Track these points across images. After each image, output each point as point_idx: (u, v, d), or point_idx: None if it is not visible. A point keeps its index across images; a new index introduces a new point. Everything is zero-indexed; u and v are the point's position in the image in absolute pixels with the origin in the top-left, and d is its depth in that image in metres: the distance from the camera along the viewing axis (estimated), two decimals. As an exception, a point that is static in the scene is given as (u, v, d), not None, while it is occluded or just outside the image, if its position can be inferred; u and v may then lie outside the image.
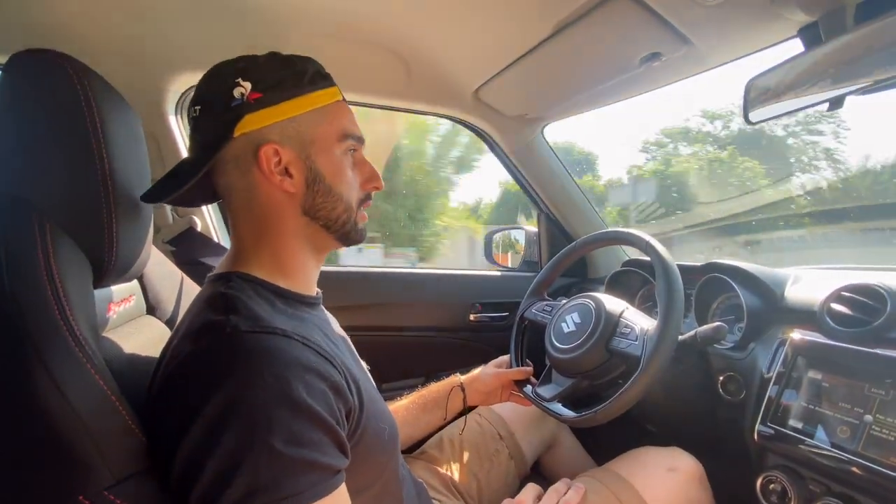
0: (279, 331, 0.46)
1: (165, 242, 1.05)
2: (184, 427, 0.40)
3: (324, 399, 0.44)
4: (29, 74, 0.45)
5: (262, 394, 0.40)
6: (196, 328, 0.46)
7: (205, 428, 0.39)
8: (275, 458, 0.39)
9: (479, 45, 0.90)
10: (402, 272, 1.36)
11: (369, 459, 0.53)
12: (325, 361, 0.47)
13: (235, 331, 0.44)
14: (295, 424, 0.41)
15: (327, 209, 0.56)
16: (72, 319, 0.38)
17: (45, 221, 0.41)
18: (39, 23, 0.77)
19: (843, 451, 0.65)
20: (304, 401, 0.42)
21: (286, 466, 0.40)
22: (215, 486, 0.38)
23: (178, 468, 0.40)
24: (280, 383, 0.41)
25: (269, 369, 0.42)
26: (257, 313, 0.47)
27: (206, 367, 0.42)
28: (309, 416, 0.42)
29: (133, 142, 0.53)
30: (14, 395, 0.34)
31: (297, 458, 0.40)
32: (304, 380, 0.43)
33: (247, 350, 0.43)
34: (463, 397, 0.91)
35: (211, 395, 0.40)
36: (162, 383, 0.44)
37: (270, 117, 0.52)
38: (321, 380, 0.45)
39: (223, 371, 0.41)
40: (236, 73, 0.52)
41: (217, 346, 0.43)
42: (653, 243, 0.79)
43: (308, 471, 0.41)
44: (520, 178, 1.36)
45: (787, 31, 0.71)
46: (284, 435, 0.40)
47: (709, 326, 0.74)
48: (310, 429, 0.42)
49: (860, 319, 0.71)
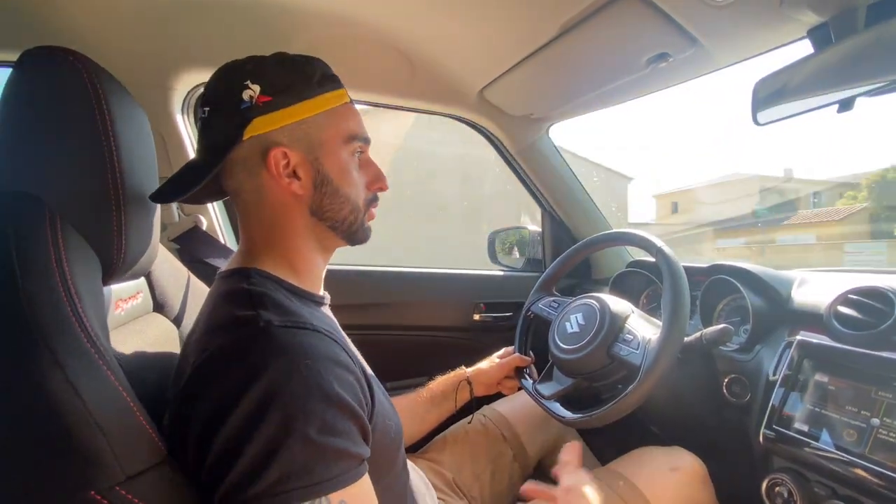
0: (310, 326, 0.48)
1: (171, 240, 1.05)
2: (219, 417, 0.41)
3: (352, 391, 0.46)
4: (39, 71, 0.45)
5: (297, 386, 0.42)
6: (223, 322, 0.47)
7: (242, 418, 0.40)
8: (309, 446, 0.41)
9: (485, 44, 0.89)
10: (406, 271, 1.36)
11: (377, 455, 0.53)
12: (347, 356, 0.49)
13: (269, 325, 0.45)
14: (328, 415, 0.43)
15: (334, 210, 0.57)
16: (83, 316, 0.38)
17: (55, 218, 0.41)
18: (48, 20, 0.77)
19: (850, 454, 0.65)
20: (337, 392, 0.44)
21: (319, 454, 0.41)
22: (252, 471, 0.40)
23: (214, 456, 0.41)
24: (314, 376, 0.43)
25: (304, 362, 0.43)
26: (287, 308, 0.49)
27: (241, 359, 0.43)
28: (340, 406, 0.44)
29: (141, 139, 0.53)
30: (26, 391, 0.34)
31: (330, 447, 0.42)
32: (335, 373, 0.45)
33: (282, 344, 0.44)
34: (470, 389, 0.93)
35: (248, 387, 0.41)
36: (191, 377, 0.45)
37: (279, 120, 0.53)
38: (349, 372, 0.47)
39: (260, 364, 0.42)
40: (245, 76, 0.53)
41: (251, 340, 0.44)
42: (663, 248, 0.79)
43: (339, 459, 0.43)
44: (524, 178, 1.35)
45: (797, 31, 0.71)
46: (318, 424, 0.42)
47: (714, 328, 0.74)
48: (341, 419, 0.44)
49: (867, 322, 0.71)
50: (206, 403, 0.43)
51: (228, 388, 0.42)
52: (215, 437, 0.41)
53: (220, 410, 0.41)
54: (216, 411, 0.41)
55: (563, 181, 1.34)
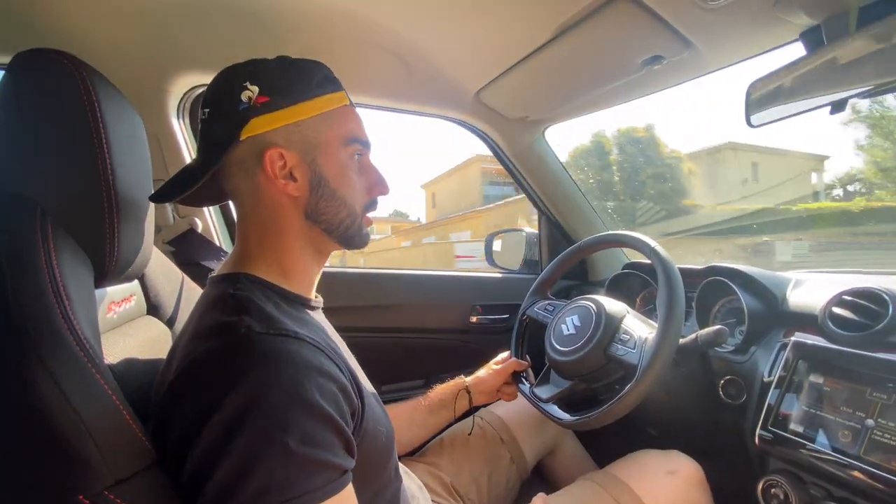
0: (292, 333, 0.47)
1: (166, 243, 1.05)
2: (198, 426, 0.40)
3: (334, 400, 0.45)
4: (32, 73, 0.45)
5: (277, 395, 0.41)
6: (207, 328, 0.47)
7: (221, 427, 0.40)
8: (289, 458, 0.40)
9: (481, 47, 0.90)
10: (402, 273, 1.35)
11: (368, 461, 0.53)
12: (333, 364, 0.48)
13: (250, 331, 0.45)
14: (308, 425, 0.42)
15: (330, 213, 0.56)
16: (74, 319, 0.38)
17: (47, 220, 0.41)
18: (42, 23, 0.77)
19: (845, 455, 0.65)
20: (317, 402, 0.43)
21: (300, 466, 0.41)
22: (230, 483, 0.39)
23: (192, 465, 0.40)
24: (294, 385, 0.42)
25: (284, 371, 0.43)
26: (270, 315, 0.48)
27: (221, 366, 0.43)
28: (321, 417, 0.43)
29: (135, 142, 0.53)
30: (15, 395, 0.34)
31: (311, 458, 0.41)
32: (316, 382, 0.44)
33: (262, 351, 0.43)
34: (469, 398, 0.92)
35: (227, 395, 0.40)
36: (174, 382, 0.44)
37: (277, 121, 0.53)
38: (331, 381, 0.46)
39: (239, 371, 0.42)
40: (245, 77, 0.53)
41: (232, 347, 0.44)
42: (657, 249, 0.79)
43: (320, 470, 0.42)
44: (521, 180, 1.36)
45: (789, 34, 0.71)
46: (298, 435, 0.41)
47: (710, 330, 0.74)
48: (322, 430, 0.43)
49: (862, 323, 0.71)
50: (185, 409, 0.42)
51: (208, 395, 0.41)
52: (194, 444, 0.40)
53: (198, 417, 0.40)
54: (195, 418, 0.40)
55: (559, 183, 1.34)
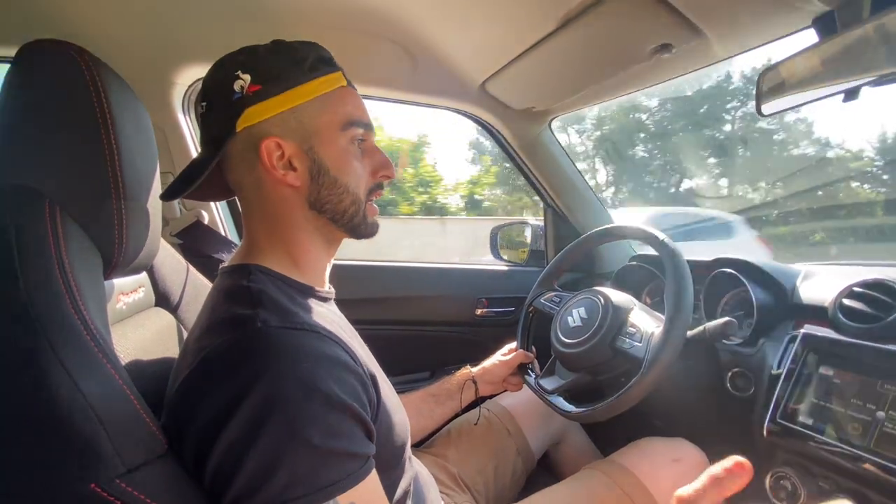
0: (307, 326, 0.47)
1: (173, 235, 1.06)
2: (220, 421, 0.40)
3: (353, 391, 0.46)
4: (39, 65, 0.45)
5: (297, 390, 0.41)
6: (222, 320, 0.46)
7: (243, 423, 0.40)
8: (313, 452, 0.41)
9: (487, 37, 0.89)
10: (408, 266, 1.35)
11: (385, 449, 0.53)
12: (348, 355, 0.48)
13: (266, 325, 0.44)
14: (330, 417, 0.42)
15: (334, 202, 0.55)
16: (84, 310, 0.38)
17: (55, 212, 0.41)
18: (48, 15, 0.77)
19: (855, 447, 0.64)
20: (337, 394, 0.43)
21: (324, 459, 0.41)
22: (257, 478, 0.39)
23: (215, 461, 0.40)
24: (313, 379, 0.42)
25: (302, 365, 0.43)
26: (286, 308, 0.48)
27: (238, 362, 0.42)
28: (342, 408, 0.44)
29: (142, 134, 0.53)
30: (26, 385, 0.34)
31: (334, 450, 0.42)
32: (335, 374, 0.45)
33: (280, 346, 0.43)
34: (475, 388, 0.92)
35: (248, 392, 0.40)
36: (190, 376, 0.44)
37: (270, 109, 0.51)
38: (349, 373, 0.46)
39: (258, 367, 0.41)
40: (237, 66, 0.52)
41: (249, 341, 0.43)
42: (666, 241, 0.78)
43: (345, 460, 0.43)
44: (526, 171, 1.35)
45: (801, 21, 0.70)
46: (321, 428, 0.41)
47: (718, 322, 0.74)
48: (343, 420, 0.44)
49: (872, 315, 0.70)
50: (204, 405, 0.42)
51: (227, 391, 0.41)
52: (216, 441, 0.40)
53: (220, 414, 0.40)
54: (216, 415, 0.40)
55: (565, 175, 1.33)
